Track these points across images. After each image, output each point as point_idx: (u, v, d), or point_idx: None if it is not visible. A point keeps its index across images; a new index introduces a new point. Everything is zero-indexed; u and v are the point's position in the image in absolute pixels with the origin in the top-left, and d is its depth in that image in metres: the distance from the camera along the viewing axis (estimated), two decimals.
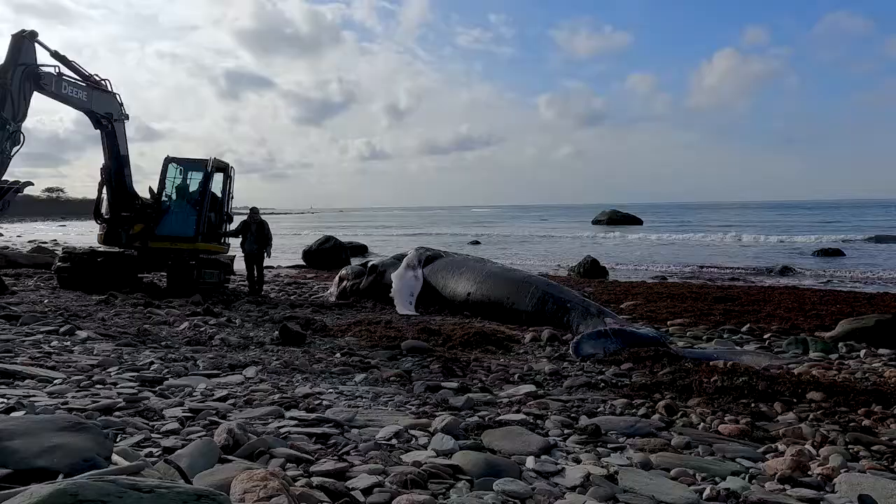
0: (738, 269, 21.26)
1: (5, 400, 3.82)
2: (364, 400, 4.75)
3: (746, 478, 3.45)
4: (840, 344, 7.83)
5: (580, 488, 3.10)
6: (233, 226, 13.33)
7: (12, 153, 10.15)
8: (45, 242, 30.36)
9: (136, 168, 12.80)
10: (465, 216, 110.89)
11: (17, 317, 7.76)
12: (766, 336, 8.56)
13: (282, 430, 3.69)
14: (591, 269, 19.31)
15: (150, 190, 12.57)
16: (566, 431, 4.20)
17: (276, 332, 7.56)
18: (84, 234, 42.57)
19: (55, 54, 10.92)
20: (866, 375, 6.25)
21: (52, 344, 6.22)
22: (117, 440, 3.24)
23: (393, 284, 11.30)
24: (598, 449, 3.85)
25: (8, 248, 23.18)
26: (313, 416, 4.05)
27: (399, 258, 12.31)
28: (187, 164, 12.85)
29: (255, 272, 12.82)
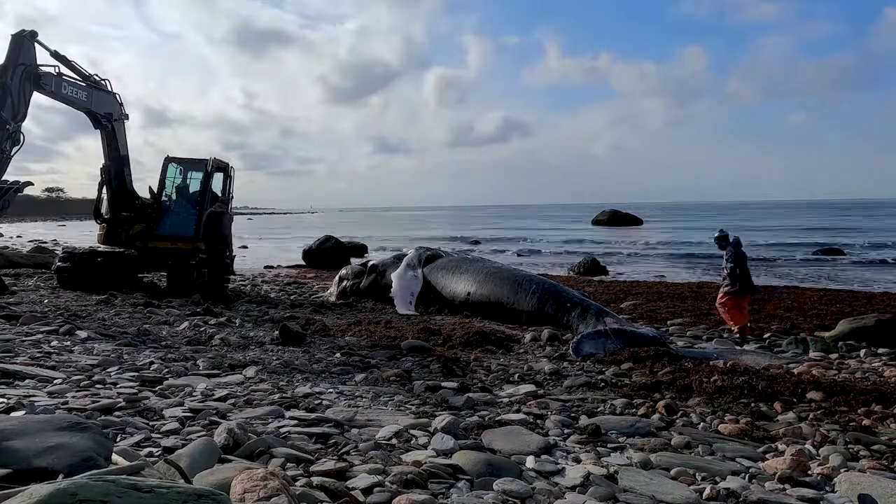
0: None
1: (5, 400, 3.83)
2: (364, 400, 4.75)
3: (746, 477, 3.46)
4: (840, 344, 7.84)
5: (580, 488, 3.10)
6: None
7: (12, 153, 10.14)
8: (45, 242, 30.34)
9: (135, 166, 12.82)
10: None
11: (17, 317, 7.75)
12: (766, 336, 8.57)
13: (282, 430, 3.69)
14: (591, 269, 19.35)
15: (150, 190, 12.57)
16: (566, 431, 4.20)
17: (276, 332, 7.55)
18: (76, 233, 42.55)
19: (55, 54, 10.92)
20: (866, 375, 6.25)
21: (52, 344, 6.21)
22: (117, 440, 3.24)
23: (393, 284, 11.31)
24: (598, 449, 3.85)
25: (8, 248, 23.18)
26: (313, 415, 4.05)
27: (399, 258, 12.31)
28: (187, 164, 12.85)
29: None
